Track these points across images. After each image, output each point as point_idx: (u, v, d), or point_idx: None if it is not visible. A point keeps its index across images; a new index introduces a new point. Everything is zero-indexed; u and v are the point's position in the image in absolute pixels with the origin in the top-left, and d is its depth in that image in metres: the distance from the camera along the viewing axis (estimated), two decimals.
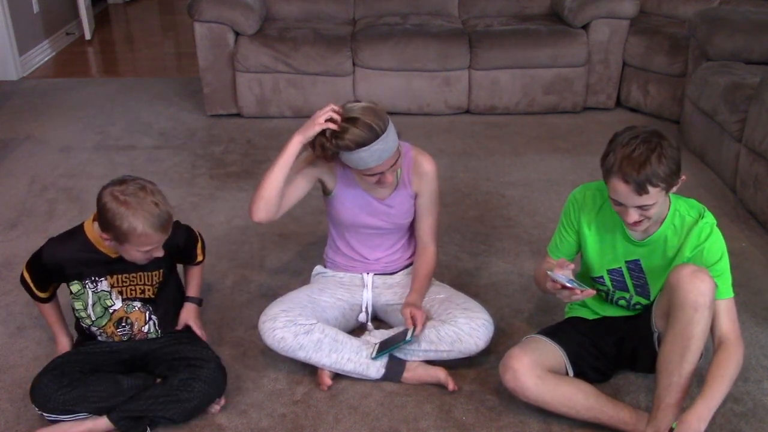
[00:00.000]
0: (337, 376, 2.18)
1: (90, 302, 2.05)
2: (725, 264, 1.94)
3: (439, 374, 2.14)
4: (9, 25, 5.02)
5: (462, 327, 2.13)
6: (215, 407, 2.06)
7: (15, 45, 5.11)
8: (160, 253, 1.95)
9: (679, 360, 1.83)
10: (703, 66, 3.76)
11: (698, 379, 2.13)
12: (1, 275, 2.75)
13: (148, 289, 2.09)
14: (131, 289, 2.06)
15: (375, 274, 2.36)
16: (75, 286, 2.04)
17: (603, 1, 4.20)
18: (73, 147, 3.96)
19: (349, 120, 2.03)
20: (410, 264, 2.41)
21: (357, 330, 2.35)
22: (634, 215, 1.86)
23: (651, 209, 1.85)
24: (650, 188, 1.79)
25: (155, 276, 2.08)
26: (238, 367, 2.24)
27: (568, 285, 1.90)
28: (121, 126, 4.26)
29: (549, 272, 1.94)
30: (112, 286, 2.04)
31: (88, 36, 6.27)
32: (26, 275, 2.09)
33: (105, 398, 1.97)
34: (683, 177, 1.87)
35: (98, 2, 7.37)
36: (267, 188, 2.11)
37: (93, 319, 2.07)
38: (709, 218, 1.96)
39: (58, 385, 1.93)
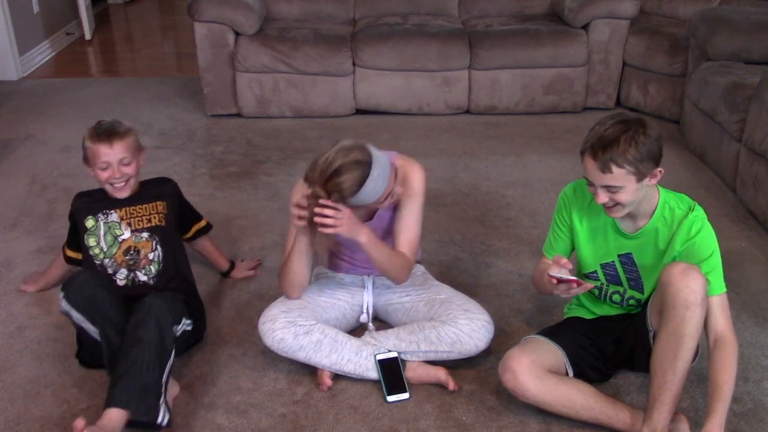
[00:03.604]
0: (337, 376, 2.18)
1: (102, 233, 2.28)
2: (717, 259, 1.95)
3: (440, 374, 2.14)
4: (9, 25, 5.02)
5: (462, 328, 2.13)
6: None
7: (15, 45, 5.11)
8: (117, 174, 2.23)
9: (672, 358, 1.83)
10: (703, 66, 3.76)
11: (698, 378, 2.14)
12: (1, 275, 2.75)
13: (155, 217, 2.31)
14: (138, 220, 2.29)
15: (375, 276, 2.36)
16: (89, 222, 2.30)
17: (603, 1, 4.20)
18: (73, 147, 3.95)
19: (333, 174, 1.93)
20: None
21: (357, 330, 2.35)
22: (602, 196, 1.87)
23: (620, 193, 1.86)
24: (614, 168, 1.81)
25: (159, 206, 2.34)
26: (237, 367, 2.25)
27: (565, 278, 1.90)
28: None
29: (549, 272, 1.94)
30: (122, 219, 2.29)
31: (88, 36, 6.27)
32: (65, 246, 2.48)
33: (114, 322, 1.99)
34: (660, 169, 1.88)
35: (98, 2, 7.38)
36: (295, 276, 2.15)
37: (104, 249, 2.26)
38: (700, 212, 1.96)
39: (97, 280, 2.06)
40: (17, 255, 2.89)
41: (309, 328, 2.13)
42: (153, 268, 2.26)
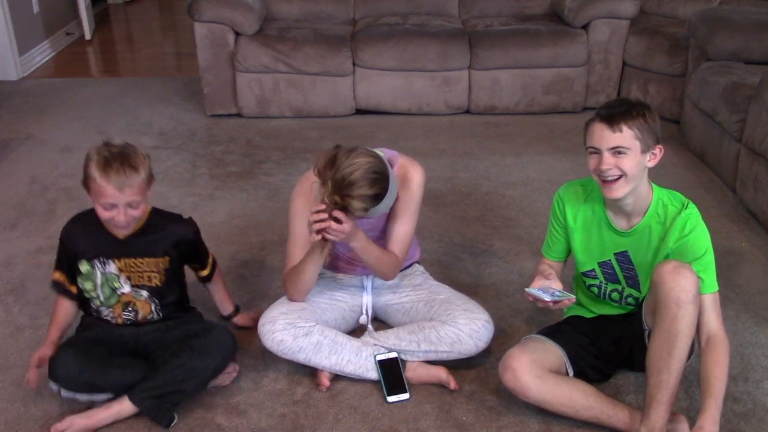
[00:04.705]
0: (336, 377, 2.18)
1: (98, 282, 2.07)
2: (710, 258, 1.95)
3: (440, 374, 2.14)
4: (9, 25, 5.02)
5: (462, 328, 2.13)
6: (231, 375, 2.16)
7: (15, 45, 5.11)
8: (121, 218, 1.94)
9: (666, 357, 1.84)
10: (703, 66, 3.76)
11: (698, 379, 2.14)
12: (1, 275, 2.75)
13: (155, 277, 2.10)
14: (139, 276, 2.08)
15: (374, 276, 2.35)
16: (84, 266, 2.07)
17: (603, 1, 4.20)
18: (73, 147, 3.96)
19: (354, 198, 1.90)
20: (410, 265, 2.41)
21: (357, 331, 2.35)
22: (608, 159, 1.89)
23: (625, 158, 1.88)
24: (624, 127, 1.86)
25: (161, 262, 2.10)
26: (237, 367, 2.24)
27: (543, 297, 1.92)
28: (121, 126, 4.26)
29: (526, 290, 1.97)
30: (121, 270, 2.07)
31: (88, 36, 6.27)
32: (56, 274, 2.14)
33: (124, 376, 1.99)
34: (660, 147, 1.92)
35: (98, 2, 7.37)
36: (305, 284, 2.16)
37: (102, 299, 2.09)
38: (693, 210, 1.97)
39: (82, 362, 1.95)
40: (17, 255, 2.89)
41: (308, 329, 2.13)
42: (152, 318, 2.15)
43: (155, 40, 6.58)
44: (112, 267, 2.06)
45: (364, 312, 2.33)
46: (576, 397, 1.95)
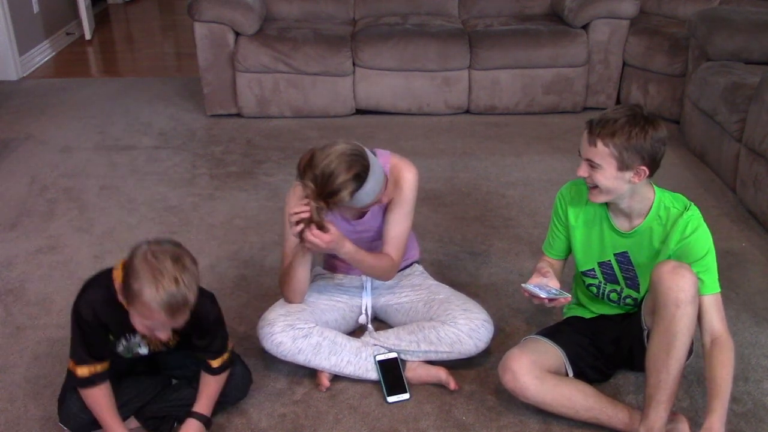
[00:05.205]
0: (336, 377, 2.18)
1: (120, 350, 1.92)
2: (711, 259, 1.95)
3: (440, 374, 2.14)
4: (9, 25, 5.02)
5: (462, 328, 2.13)
6: None
7: (15, 45, 5.11)
8: (163, 336, 1.76)
9: (665, 357, 1.84)
10: (703, 66, 3.76)
11: (698, 379, 2.14)
12: (1, 275, 2.75)
13: (173, 340, 1.93)
14: (160, 343, 1.92)
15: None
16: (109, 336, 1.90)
17: (603, 1, 4.20)
18: (73, 147, 3.96)
19: (334, 192, 1.91)
20: (409, 264, 2.41)
21: (357, 331, 2.35)
22: (583, 169, 1.92)
23: (598, 172, 1.89)
24: (599, 143, 1.86)
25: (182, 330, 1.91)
26: None
27: (539, 294, 1.92)
28: (121, 126, 4.26)
29: (522, 285, 1.97)
30: (143, 337, 1.91)
31: (88, 36, 6.27)
32: (74, 366, 1.86)
33: (129, 402, 1.98)
34: (644, 168, 1.87)
35: (98, 2, 7.37)
36: (298, 284, 2.15)
37: (120, 355, 1.95)
38: (695, 212, 1.96)
39: (83, 404, 1.90)
40: (17, 255, 2.89)
41: (308, 331, 2.13)
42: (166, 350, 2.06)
43: (155, 40, 6.58)
44: (136, 338, 1.91)
45: (364, 312, 2.33)
46: (575, 397, 1.95)
